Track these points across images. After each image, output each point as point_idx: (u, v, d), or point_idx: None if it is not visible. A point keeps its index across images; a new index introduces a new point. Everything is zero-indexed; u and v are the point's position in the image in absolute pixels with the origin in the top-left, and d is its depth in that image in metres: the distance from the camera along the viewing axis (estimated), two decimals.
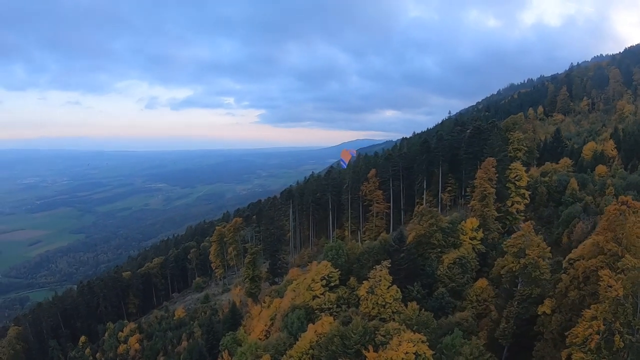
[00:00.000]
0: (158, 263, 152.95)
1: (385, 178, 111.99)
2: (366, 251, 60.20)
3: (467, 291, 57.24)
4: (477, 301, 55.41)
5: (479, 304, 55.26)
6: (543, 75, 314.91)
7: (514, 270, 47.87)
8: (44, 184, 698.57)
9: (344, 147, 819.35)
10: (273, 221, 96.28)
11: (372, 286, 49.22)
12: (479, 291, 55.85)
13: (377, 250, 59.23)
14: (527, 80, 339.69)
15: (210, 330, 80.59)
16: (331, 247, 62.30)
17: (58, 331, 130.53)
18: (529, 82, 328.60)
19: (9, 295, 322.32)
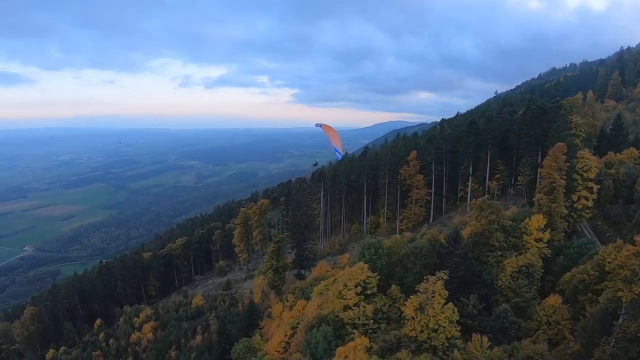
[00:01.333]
0: (181, 244, 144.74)
1: (426, 161, 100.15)
2: (412, 252, 48.46)
3: (534, 309, 45.34)
4: (548, 323, 43.43)
5: (550, 326, 43.30)
6: (586, 60, 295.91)
7: (622, 299, 34.96)
8: (79, 160, 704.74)
9: (378, 128, 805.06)
10: (301, 207, 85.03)
11: (421, 303, 37.87)
12: (550, 311, 43.81)
13: (425, 252, 47.68)
14: (569, 64, 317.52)
15: (223, 332, 69.98)
16: (368, 245, 50.38)
17: (75, 312, 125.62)
18: (572, 66, 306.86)
19: (42, 268, 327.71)
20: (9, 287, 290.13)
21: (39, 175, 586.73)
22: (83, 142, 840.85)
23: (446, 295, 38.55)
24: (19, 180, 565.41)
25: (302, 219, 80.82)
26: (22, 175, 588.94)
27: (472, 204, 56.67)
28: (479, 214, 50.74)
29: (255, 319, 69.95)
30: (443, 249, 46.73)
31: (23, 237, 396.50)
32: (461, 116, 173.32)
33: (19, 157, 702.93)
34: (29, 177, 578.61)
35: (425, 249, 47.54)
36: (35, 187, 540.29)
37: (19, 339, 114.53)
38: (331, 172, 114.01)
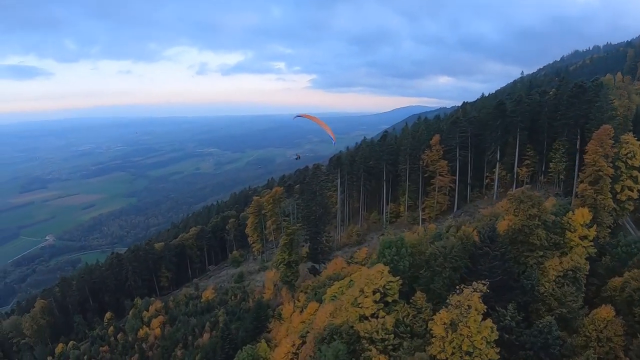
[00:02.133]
0: (194, 234, 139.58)
1: (450, 146, 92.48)
2: (440, 252, 40.85)
3: (581, 321, 37.58)
4: (598, 339, 35.62)
5: (600, 343, 35.49)
6: (610, 43, 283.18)
7: None
8: (99, 150, 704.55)
9: (396, 113, 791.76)
10: (315, 196, 77.41)
11: (454, 320, 31.01)
12: (601, 325, 35.83)
13: (456, 253, 40.23)
14: (592, 47, 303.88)
15: (227, 336, 63.75)
16: (389, 243, 42.56)
17: (86, 305, 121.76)
18: (595, 49, 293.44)
19: (62, 257, 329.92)
20: (30, 276, 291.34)
21: (59, 166, 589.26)
22: (102, 132, 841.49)
23: (484, 310, 31.69)
24: (39, 171, 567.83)
25: (316, 209, 73.81)
26: (42, 166, 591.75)
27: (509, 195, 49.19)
28: (517, 207, 42.75)
29: (263, 320, 63.93)
30: (477, 250, 39.46)
31: (44, 227, 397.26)
32: (485, 98, 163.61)
33: (39, 148, 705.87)
34: (50, 168, 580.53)
35: (456, 249, 40.16)
36: (55, 178, 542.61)
37: (28, 333, 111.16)
38: (349, 157, 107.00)
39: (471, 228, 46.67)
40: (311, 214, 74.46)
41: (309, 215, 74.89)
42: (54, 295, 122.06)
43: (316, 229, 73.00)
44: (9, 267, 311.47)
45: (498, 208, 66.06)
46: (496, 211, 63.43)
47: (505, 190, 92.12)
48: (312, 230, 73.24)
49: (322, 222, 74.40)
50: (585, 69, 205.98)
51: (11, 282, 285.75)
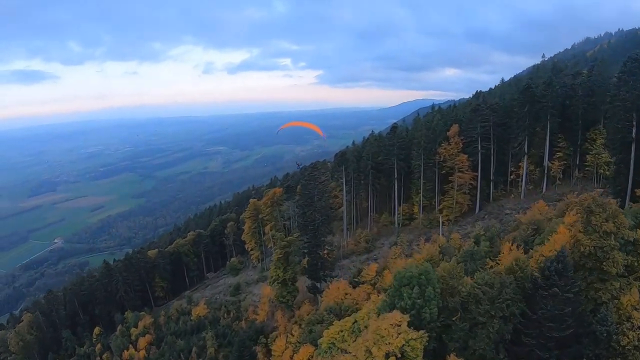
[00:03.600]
0: (190, 239, 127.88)
1: (471, 137, 79.59)
2: (485, 294, 27.74)
3: None
4: None
5: None
6: (622, 29, 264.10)
7: None
8: (107, 152, 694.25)
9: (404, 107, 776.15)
10: (312, 201, 61.09)
11: None
12: None
13: (508, 294, 27.16)
14: (604, 34, 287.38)
15: None
16: (409, 278, 28.92)
17: (76, 318, 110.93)
18: (607, 35, 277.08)
19: (70, 260, 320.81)
20: (38, 280, 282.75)
21: (67, 169, 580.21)
22: (111, 134, 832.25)
23: None
24: (48, 174, 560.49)
25: (315, 217, 59.67)
26: (51, 169, 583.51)
27: (571, 203, 36.83)
28: (586, 221, 29.63)
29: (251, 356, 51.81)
30: (539, 290, 26.61)
31: (53, 229, 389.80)
32: (506, 84, 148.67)
33: (48, 152, 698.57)
34: (58, 171, 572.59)
35: (508, 288, 27.21)
36: (64, 180, 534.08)
37: (14, 350, 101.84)
38: (355, 153, 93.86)
39: (528, 257, 33.34)
40: (308, 222, 60.27)
41: (305, 224, 60.79)
42: (41, 309, 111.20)
43: (315, 241, 59.46)
44: (18, 271, 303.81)
45: (536, 213, 53.54)
46: (536, 217, 50.71)
47: (534, 188, 79.60)
48: (311, 242, 59.82)
49: (323, 233, 60.94)
50: (604, 53, 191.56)
51: (20, 286, 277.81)
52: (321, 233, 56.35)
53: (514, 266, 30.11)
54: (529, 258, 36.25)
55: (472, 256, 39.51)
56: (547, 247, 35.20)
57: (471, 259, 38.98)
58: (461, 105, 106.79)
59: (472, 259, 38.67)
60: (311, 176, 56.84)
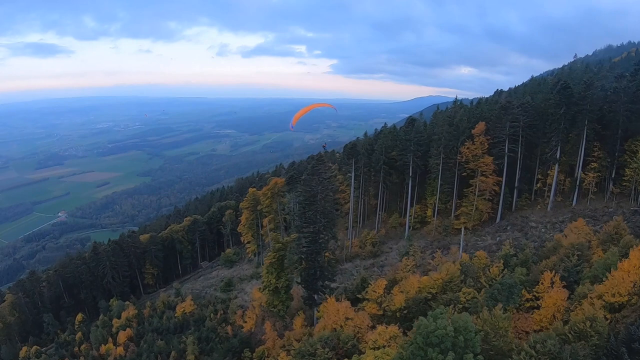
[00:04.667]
0: (186, 225, 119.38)
1: (499, 138, 69.74)
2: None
3: None
4: None
5: None
6: None
7: None
8: (117, 128, 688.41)
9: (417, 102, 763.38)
10: (314, 200, 48.62)
11: None
12: None
13: None
14: (627, 42, 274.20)
15: None
16: (440, 334, 19.15)
17: (60, 301, 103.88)
18: (630, 44, 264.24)
19: (72, 234, 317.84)
20: (39, 252, 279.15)
21: (76, 143, 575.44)
22: (121, 111, 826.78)
23: None
24: (57, 147, 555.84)
25: (316, 219, 48.37)
26: (60, 143, 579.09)
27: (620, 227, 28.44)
28: None
29: None
30: None
31: (58, 203, 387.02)
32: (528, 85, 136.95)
33: (59, 125, 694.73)
34: (67, 145, 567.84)
35: None
36: (72, 155, 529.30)
37: None
38: (366, 146, 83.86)
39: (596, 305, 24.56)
40: (309, 225, 48.65)
41: (303, 227, 49.23)
42: (24, 289, 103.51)
43: (314, 247, 48.44)
44: (20, 242, 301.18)
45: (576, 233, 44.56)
46: (579, 240, 41.61)
47: (563, 200, 70.14)
48: (309, 248, 48.72)
49: (325, 237, 49.46)
50: (631, 61, 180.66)
51: (20, 258, 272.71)
52: (322, 238, 46.85)
53: (587, 329, 21.16)
54: (582, 297, 27.88)
55: (510, 290, 30.47)
56: (608, 288, 27.14)
57: (509, 293, 29.97)
58: (487, 102, 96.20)
59: (509, 293, 29.68)
60: (315, 170, 47.08)
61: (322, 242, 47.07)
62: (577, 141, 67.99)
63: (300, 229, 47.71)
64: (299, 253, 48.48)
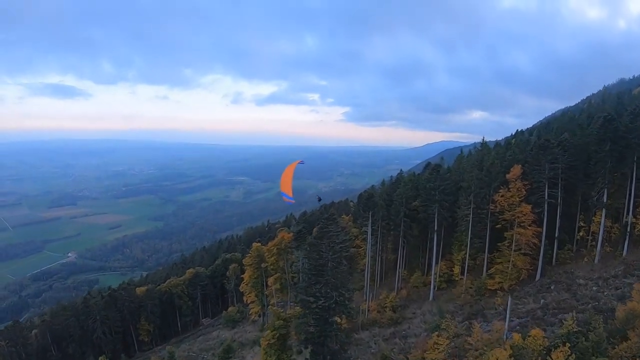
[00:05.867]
0: (186, 279, 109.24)
1: (538, 183, 59.94)
2: None
3: None
4: None
5: None
6: None
7: None
8: (132, 172, 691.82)
9: (428, 148, 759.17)
10: (324, 270, 37.65)
11: None
12: None
13: None
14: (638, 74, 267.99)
15: None
16: None
17: (47, 354, 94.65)
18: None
19: (80, 276, 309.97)
20: (45, 292, 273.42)
21: (91, 184, 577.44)
22: (137, 155, 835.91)
23: None
24: (71, 187, 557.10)
25: (326, 293, 37.17)
26: (75, 183, 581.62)
27: None
28: None
29: None
30: None
31: (68, 243, 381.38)
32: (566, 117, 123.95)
33: (74, 166, 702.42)
34: (82, 185, 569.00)
35: None
36: (86, 195, 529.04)
37: None
38: (383, 196, 74.10)
39: None
40: (316, 300, 37.51)
41: (311, 304, 37.70)
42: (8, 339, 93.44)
43: (323, 329, 37.10)
44: (27, 280, 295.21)
45: None
46: None
47: (612, 250, 59.36)
48: (317, 328, 37.36)
49: (336, 313, 38.55)
50: None
51: (26, 296, 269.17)
52: (333, 315, 36.22)
53: None
54: None
55: None
56: None
57: None
58: (517, 143, 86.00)
59: None
60: (324, 233, 37.26)
61: (332, 321, 36.48)
62: (624, 180, 58.23)
63: (307, 305, 37.14)
64: (304, 333, 37.77)
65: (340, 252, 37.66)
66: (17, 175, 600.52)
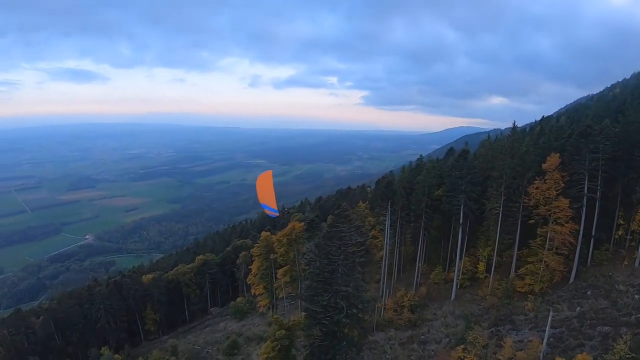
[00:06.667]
0: (195, 267, 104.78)
1: (578, 174, 52.94)
2: None
3: None
4: None
5: None
6: None
7: None
8: (150, 155, 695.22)
9: (447, 133, 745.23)
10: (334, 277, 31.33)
11: None
12: None
13: None
14: None
15: None
16: None
17: (51, 343, 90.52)
18: None
19: (97, 258, 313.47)
20: (62, 274, 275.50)
21: (109, 167, 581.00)
22: (154, 138, 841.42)
23: None
24: (90, 170, 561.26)
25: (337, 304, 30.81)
26: (93, 166, 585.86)
27: None
28: None
29: None
30: None
31: (86, 225, 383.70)
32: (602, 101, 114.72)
33: (93, 149, 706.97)
34: (100, 169, 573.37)
35: None
36: (104, 178, 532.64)
37: None
38: (403, 184, 67.45)
39: None
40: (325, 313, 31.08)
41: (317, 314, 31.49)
42: (11, 326, 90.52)
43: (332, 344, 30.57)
44: (45, 262, 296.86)
45: None
46: None
47: None
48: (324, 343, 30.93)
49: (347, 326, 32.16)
50: None
51: (43, 277, 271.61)
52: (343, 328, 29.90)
53: None
54: None
55: None
56: None
57: None
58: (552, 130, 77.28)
59: None
60: (334, 232, 30.88)
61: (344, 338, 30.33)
62: None
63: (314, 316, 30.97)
64: (310, 347, 31.79)
65: (354, 256, 31.19)
66: (36, 159, 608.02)
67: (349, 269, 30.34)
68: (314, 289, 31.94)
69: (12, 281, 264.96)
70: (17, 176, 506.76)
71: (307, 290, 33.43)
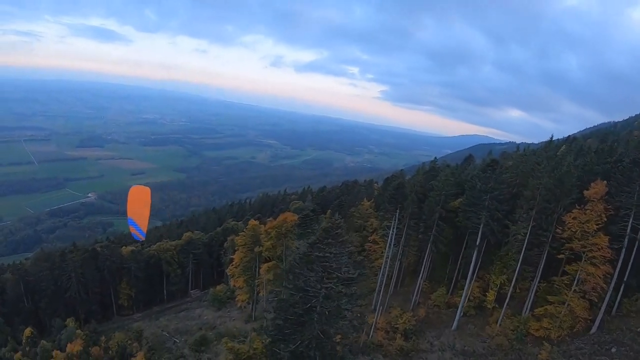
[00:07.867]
0: (179, 244, 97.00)
1: (625, 209, 43.62)
2: None
3: None
4: None
5: None
6: None
7: None
8: (163, 121, 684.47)
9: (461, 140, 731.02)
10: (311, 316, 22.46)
11: None
12: None
13: None
14: None
15: None
16: None
17: (19, 305, 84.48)
18: None
19: (96, 217, 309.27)
20: (59, 229, 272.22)
21: (121, 129, 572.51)
22: (171, 105, 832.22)
23: None
24: (101, 130, 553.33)
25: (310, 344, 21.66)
26: (105, 126, 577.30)
27: None
28: None
29: None
30: None
31: (90, 183, 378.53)
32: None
33: (108, 109, 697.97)
34: (112, 129, 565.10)
35: None
36: (114, 139, 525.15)
37: None
38: (416, 189, 58.41)
39: None
40: (292, 356, 22.09)
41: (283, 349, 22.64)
42: None
43: None
44: (44, 215, 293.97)
45: None
46: None
47: None
48: None
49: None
50: None
51: (40, 230, 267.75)
52: None
53: None
54: None
55: None
56: None
57: None
58: (598, 151, 66.68)
59: None
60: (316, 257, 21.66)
61: None
62: None
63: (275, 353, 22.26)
64: None
65: (340, 297, 21.55)
66: (50, 112, 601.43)
67: (332, 310, 21.53)
68: (280, 328, 23.22)
69: (10, 230, 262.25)
70: (28, 126, 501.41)
71: (273, 326, 24.33)
